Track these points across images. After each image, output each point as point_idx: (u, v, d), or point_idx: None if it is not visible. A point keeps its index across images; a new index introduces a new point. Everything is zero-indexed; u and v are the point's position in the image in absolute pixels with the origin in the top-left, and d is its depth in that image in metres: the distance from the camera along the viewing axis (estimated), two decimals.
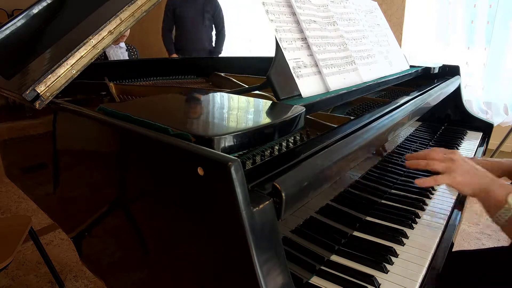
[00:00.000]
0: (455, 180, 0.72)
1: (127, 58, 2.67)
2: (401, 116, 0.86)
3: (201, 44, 3.30)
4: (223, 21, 3.40)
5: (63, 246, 1.96)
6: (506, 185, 0.70)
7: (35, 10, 1.11)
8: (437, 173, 0.76)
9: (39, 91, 0.71)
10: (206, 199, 0.46)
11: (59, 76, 0.73)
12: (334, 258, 0.69)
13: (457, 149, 1.32)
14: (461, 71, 1.55)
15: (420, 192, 0.95)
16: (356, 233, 0.77)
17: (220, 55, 3.47)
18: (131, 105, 0.78)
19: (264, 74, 0.73)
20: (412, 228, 0.79)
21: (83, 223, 0.80)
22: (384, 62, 1.14)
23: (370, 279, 0.62)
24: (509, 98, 2.84)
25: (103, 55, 2.52)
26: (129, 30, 2.68)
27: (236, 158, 0.42)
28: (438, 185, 0.73)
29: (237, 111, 0.62)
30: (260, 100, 0.69)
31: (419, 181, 0.72)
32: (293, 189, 0.49)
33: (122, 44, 2.65)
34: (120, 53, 2.63)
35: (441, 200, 0.92)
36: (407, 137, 1.14)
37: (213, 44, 3.43)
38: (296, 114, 0.59)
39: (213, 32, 3.43)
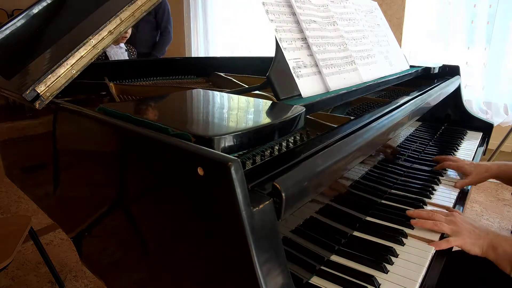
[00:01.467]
0: (465, 242, 0.74)
1: (127, 58, 2.66)
2: (401, 116, 0.86)
3: (137, 49, 3.01)
4: (168, 21, 3.08)
5: (63, 246, 1.96)
6: (509, 238, 0.73)
7: (35, 10, 1.11)
8: None
9: (39, 91, 0.71)
10: (206, 199, 0.46)
11: (59, 76, 0.73)
12: (334, 258, 0.69)
13: (457, 149, 1.32)
14: (461, 71, 1.55)
15: (420, 192, 0.95)
16: (356, 233, 0.77)
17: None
18: (131, 105, 0.78)
19: (264, 74, 0.73)
20: (412, 228, 0.79)
21: (83, 223, 0.80)
22: (384, 62, 1.14)
23: (370, 279, 0.62)
24: (509, 98, 2.84)
25: (103, 55, 2.52)
26: (130, 30, 2.67)
27: (236, 158, 0.42)
28: (438, 231, 0.78)
29: (237, 111, 0.62)
30: (260, 100, 0.69)
31: (435, 244, 0.75)
32: (293, 189, 0.49)
33: (122, 45, 2.65)
34: (120, 53, 2.63)
35: (441, 200, 0.93)
36: (407, 137, 1.14)
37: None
38: (296, 114, 0.59)
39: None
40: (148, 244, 0.61)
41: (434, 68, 1.41)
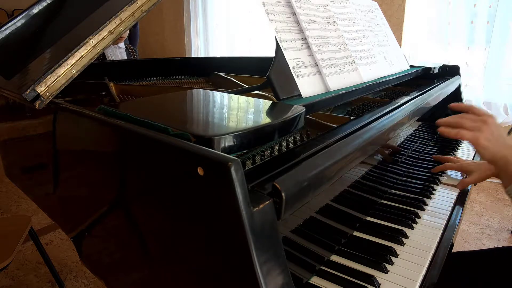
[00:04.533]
0: (478, 140, 0.70)
1: (126, 58, 2.66)
2: (401, 116, 0.86)
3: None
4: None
5: (63, 246, 1.96)
6: None
7: (35, 10, 1.11)
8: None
9: (39, 91, 0.71)
10: (206, 199, 0.46)
11: (59, 76, 0.73)
12: (334, 258, 0.69)
13: (457, 149, 1.32)
14: (461, 71, 1.55)
15: (420, 192, 0.95)
16: (356, 233, 0.77)
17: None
18: (131, 105, 0.78)
19: (264, 74, 0.73)
20: (412, 228, 0.79)
21: (83, 223, 0.80)
22: (384, 62, 1.14)
23: (370, 279, 0.62)
24: (509, 98, 2.84)
25: (101, 55, 2.52)
26: (128, 31, 2.66)
27: (236, 158, 0.42)
28: (461, 139, 0.71)
29: (237, 111, 0.62)
30: (260, 100, 0.69)
31: (442, 130, 0.71)
32: (293, 189, 0.49)
33: (121, 45, 2.64)
34: (118, 53, 2.62)
35: (441, 200, 0.92)
36: (407, 137, 1.14)
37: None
38: (296, 114, 0.59)
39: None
40: (148, 244, 0.61)
41: (434, 68, 1.41)
